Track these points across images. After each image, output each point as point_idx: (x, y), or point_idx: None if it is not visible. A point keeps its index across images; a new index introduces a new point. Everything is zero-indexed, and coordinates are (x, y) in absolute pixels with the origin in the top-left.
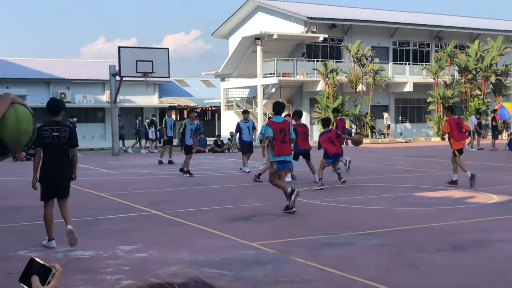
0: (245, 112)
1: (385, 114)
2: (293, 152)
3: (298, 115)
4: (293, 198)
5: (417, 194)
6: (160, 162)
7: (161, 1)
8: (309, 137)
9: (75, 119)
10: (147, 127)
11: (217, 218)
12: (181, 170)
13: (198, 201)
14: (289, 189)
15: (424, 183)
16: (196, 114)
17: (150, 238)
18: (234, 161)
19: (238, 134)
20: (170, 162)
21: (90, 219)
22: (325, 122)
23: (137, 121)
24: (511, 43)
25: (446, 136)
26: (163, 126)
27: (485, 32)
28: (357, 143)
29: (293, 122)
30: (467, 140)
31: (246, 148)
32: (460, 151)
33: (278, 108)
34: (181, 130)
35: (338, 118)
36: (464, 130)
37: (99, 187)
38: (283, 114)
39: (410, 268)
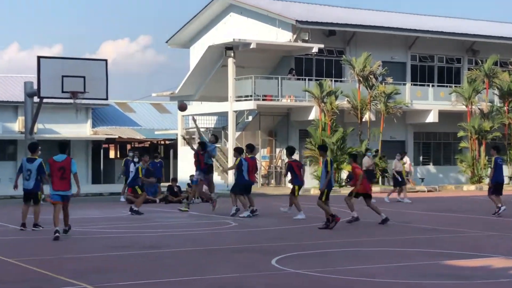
0: (238, 149)
1: (406, 159)
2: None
3: (290, 151)
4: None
5: (444, 262)
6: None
7: None
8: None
9: None
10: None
11: None
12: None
13: (146, 270)
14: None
15: (453, 248)
16: (148, 155)
17: None
18: (197, 216)
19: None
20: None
21: None
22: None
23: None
24: None
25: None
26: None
27: None
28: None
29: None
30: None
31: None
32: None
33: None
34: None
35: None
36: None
37: (7, 250)
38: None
39: None
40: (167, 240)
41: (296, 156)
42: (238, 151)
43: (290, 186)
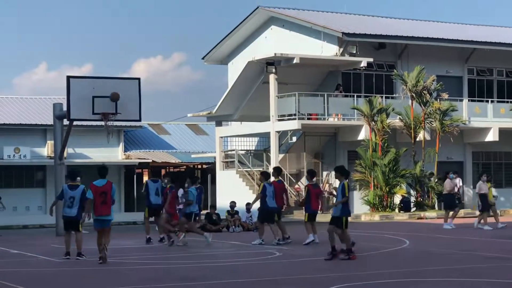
0: (265, 174)
1: (457, 180)
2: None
3: (311, 174)
4: None
5: None
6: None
7: (129, 11)
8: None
9: None
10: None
11: None
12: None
13: None
14: None
15: None
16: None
17: None
18: (237, 245)
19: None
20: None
21: None
22: None
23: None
24: None
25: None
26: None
27: None
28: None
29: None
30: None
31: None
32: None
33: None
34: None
35: None
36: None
37: (36, 284)
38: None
39: None
40: (204, 272)
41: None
42: (264, 175)
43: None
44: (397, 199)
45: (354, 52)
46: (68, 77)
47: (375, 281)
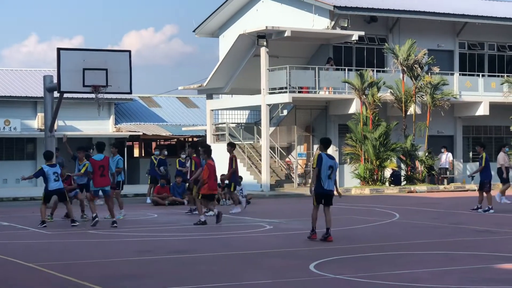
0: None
1: (446, 154)
2: None
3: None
4: None
5: (498, 266)
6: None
7: None
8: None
9: None
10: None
11: None
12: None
13: (176, 276)
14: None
15: (508, 250)
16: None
17: None
18: (228, 218)
19: None
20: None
21: None
22: None
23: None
24: None
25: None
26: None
27: None
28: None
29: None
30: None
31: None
32: (207, 197)
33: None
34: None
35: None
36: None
37: (28, 255)
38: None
39: None
40: (196, 245)
41: (335, 153)
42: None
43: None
44: (387, 172)
45: (346, 25)
46: (58, 49)
47: (364, 254)
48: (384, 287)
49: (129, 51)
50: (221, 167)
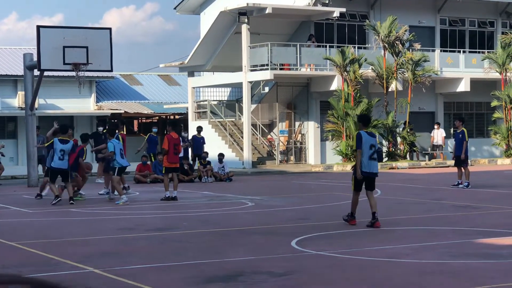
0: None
1: (438, 131)
2: None
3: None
4: None
5: (477, 240)
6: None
7: None
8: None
9: None
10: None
11: (185, 280)
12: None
13: (156, 253)
14: None
15: (488, 225)
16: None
17: None
18: (209, 196)
19: None
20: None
21: None
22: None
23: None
24: None
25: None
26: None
27: None
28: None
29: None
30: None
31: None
32: (168, 170)
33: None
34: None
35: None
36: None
37: (9, 233)
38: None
39: None
40: (177, 222)
41: (317, 130)
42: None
43: (311, 162)
44: None
45: (327, 2)
46: (38, 27)
47: (346, 230)
48: (366, 263)
49: (110, 29)
50: (208, 145)
